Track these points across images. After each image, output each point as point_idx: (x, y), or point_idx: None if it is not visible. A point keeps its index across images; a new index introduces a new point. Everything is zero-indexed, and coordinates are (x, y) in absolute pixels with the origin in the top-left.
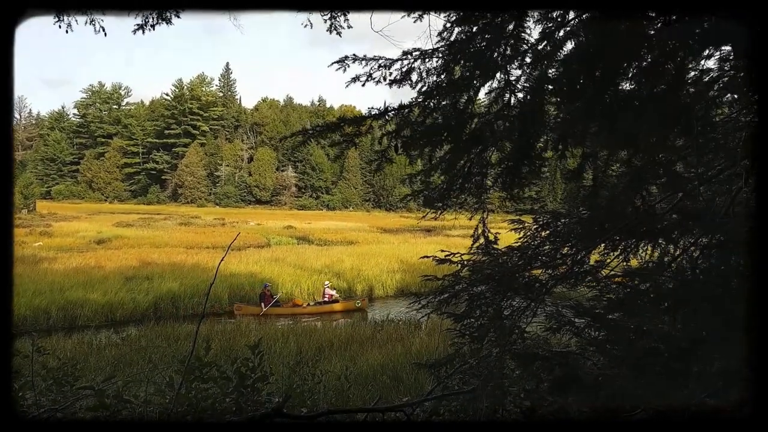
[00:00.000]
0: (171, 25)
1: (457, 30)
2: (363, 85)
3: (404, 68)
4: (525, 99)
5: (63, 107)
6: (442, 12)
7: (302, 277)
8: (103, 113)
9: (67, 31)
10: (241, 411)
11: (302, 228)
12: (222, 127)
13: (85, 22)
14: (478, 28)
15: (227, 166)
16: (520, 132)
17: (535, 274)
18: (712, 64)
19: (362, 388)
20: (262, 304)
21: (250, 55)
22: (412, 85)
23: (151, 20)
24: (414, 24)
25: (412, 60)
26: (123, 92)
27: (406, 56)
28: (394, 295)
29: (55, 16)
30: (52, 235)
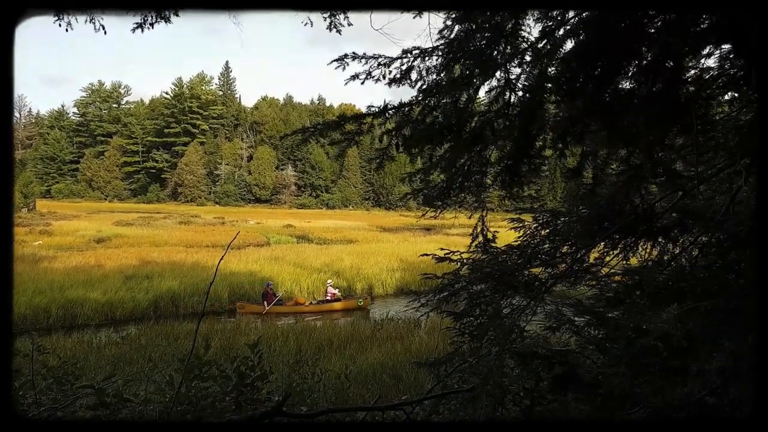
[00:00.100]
0: (170, 23)
1: (457, 28)
2: (362, 83)
3: (404, 67)
4: (525, 97)
5: (63, 106)
6: (442, 11)
7: (302, 276)
8: (103, 112)
9: (67, 30)
10: (240, 409)
11: (302, 227)
12: (222, 126)
13: (85, 21)
14: (478, 26)
15: (227, 164)
16: (520, 130)
17: (535, 273)
18: (712, 62)
19: (362, 387)
20: (265, 303)
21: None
22: (412, 84)
23: (149, 19)
24: (414, 23)
25: (412, 58)
26: (123, 91)
27: (406, 55)
28: (394, 293)
29: (55, 15)
30: (52, 233)
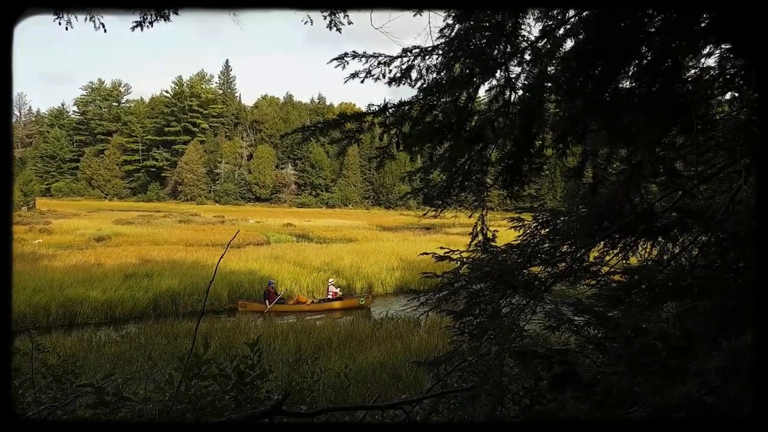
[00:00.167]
0: (169, 22)
1: (457, 27)
2: (362, 82)
3: (404, 65)
4: (525, 96)
5: (63, 104)
6: (441, 10)
7: (301, 275)
8: (103, 110)
9: (67, 28)
10: (240, 408)
11: (302, 225)
12: (222, 125)
13: (85, 19)
14: (478, 25)
15: (227, 163)
16: (520, 129)
17: (535, 272)
18: (712, 62)
19: (361, 386)
20: (267, 302)
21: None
22: (412, 83)
23: (149, 17)
24: (414, 22)
25: (412, 57)
26: (123, 89)
27: (406, 53)
28: (394, 292)
29: (55, 14)
30: (51, 232)
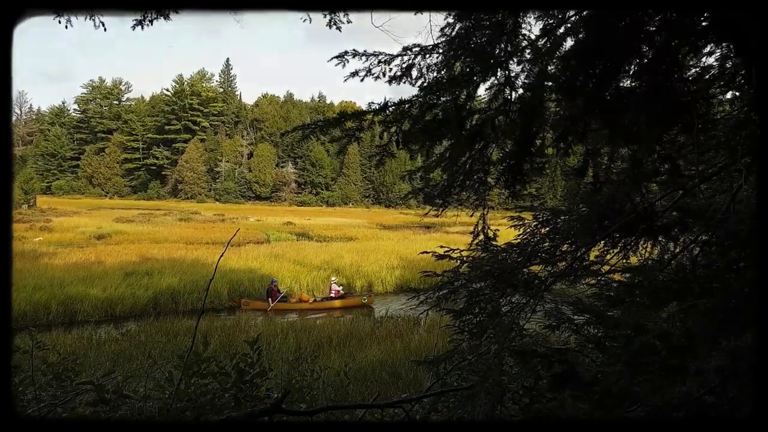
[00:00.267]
0: (170, 20)
1: (458, 26)
2: (362, 81)
3: (405, 64)
4: (525, 95)
5: (63, 102)
6: (441, 11)
7: (301, 273)
8: (104, 109)
9: (67, 27)
10: (240, 406)
11: (302, 224)
12: (222, 123)
13: (85, 18)
14: (478, 24)
15: (227, 162)
16: (521, 129)
17: (535, 271)
18: (713, 60)
19: (361, 385)
20: (270, 300)
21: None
22: (412, 82)
23: (149, 16)
24: (415, 20)
25: (413, 56)
26: (123, 88)
27: (407, 52)
28: (394, 291)
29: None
30: (52, 230)
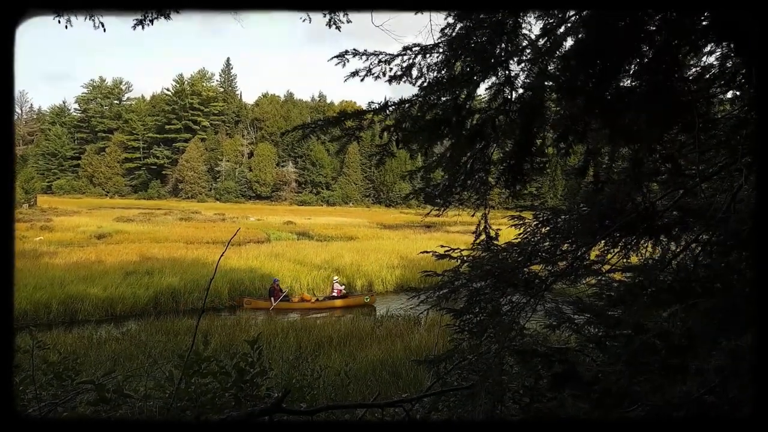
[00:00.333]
0: (170, 20)
1: (458, 25)
2: (362, 80)
3: (405, 64)
4: (525, 95)
5: (64, 102)
6: (442, 11)
7: (302, 273)
8: (104, 108)
9: (67, 27)
10: (240, 406)
11: (302, 223)
12: (222, 123)
13: (85, 18)
14: (479, 24)
15: (227, 161)
16: (521, 128)
17: (535, 270)
18: (713, 60)
19: (361, 384)
20: (272, 299)
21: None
22: (413, 82)
23: (150, 15)
24: (415, 20)
25: (413, 55)
26: (124, 87)
27: (407, 51)
28: (394, 290)
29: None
30: (52, 229)
